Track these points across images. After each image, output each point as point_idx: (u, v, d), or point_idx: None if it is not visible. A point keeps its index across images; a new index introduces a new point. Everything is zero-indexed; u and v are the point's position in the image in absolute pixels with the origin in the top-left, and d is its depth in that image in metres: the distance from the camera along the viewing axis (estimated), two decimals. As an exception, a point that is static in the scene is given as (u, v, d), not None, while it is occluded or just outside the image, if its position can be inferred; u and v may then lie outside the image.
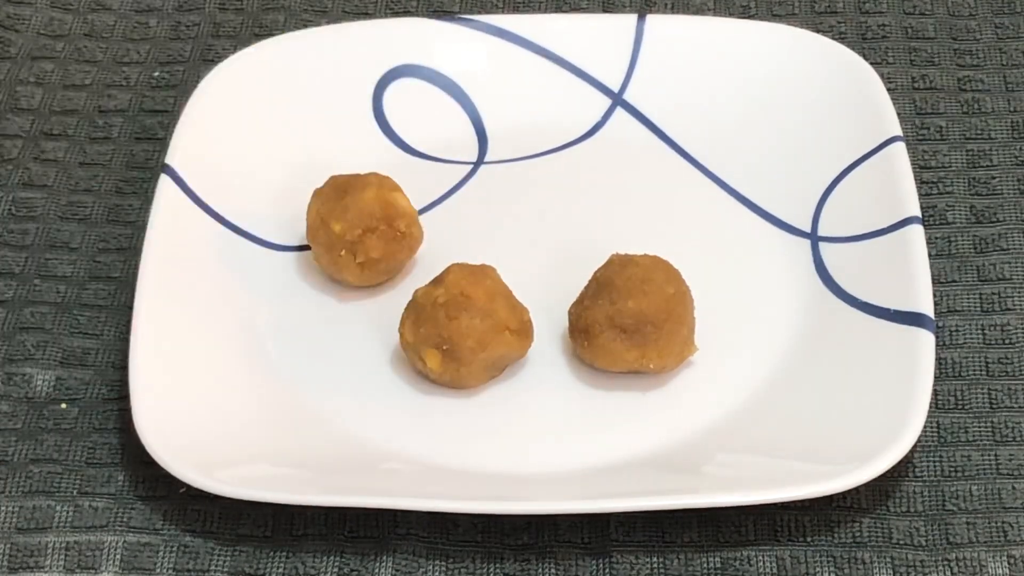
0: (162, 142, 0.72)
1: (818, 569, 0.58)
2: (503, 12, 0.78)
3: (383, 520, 0.60)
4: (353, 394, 0.63)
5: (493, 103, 0.71)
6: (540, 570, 0.59)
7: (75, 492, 0.61)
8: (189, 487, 0.59)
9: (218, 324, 0.64)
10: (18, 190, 0.71)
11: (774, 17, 0.77)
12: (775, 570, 0.58)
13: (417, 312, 0.62)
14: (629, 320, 0.61)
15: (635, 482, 0.60)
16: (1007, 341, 0.65)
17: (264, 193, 0.69)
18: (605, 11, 0.78)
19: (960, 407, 0.63)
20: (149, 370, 0.61)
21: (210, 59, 0.76)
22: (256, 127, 0.71)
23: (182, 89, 0.75)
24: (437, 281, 0.63)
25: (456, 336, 0.61)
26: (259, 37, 0.76)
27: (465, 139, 0.72)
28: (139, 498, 0.61)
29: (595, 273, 0.64)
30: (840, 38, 0.75)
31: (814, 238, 0.67)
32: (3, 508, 0.61)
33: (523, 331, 0.63)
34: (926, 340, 0.61)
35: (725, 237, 0.68)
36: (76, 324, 0.66)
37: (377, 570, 0.59)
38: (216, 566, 0.59)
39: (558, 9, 0.79)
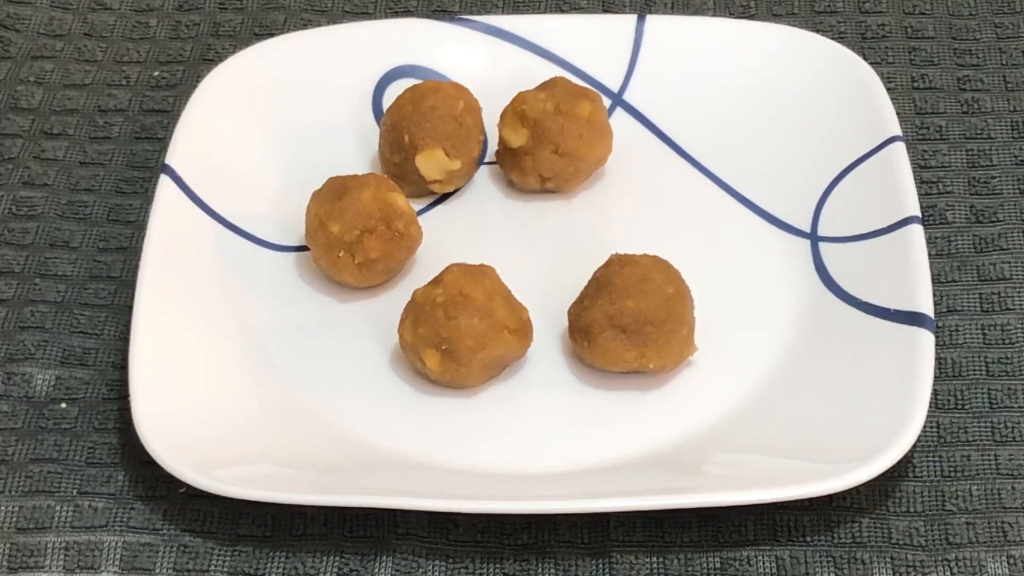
0: (162, 142, 0.72)
1: (818, 569, 0.58)
2: (503, 12, 0.78)
3: (383, 520, 0.60)
4: (353, 394, 0.63)
5: (493, 103, 0.71)
6: (540, 570, 0.59)
7: (75, 492, 0.61)
8: (189, 487, 0.59)
9: (218, 324, 0.64)
10: (18, 189, 0.71)
11: (774, 17, 0.77)
12: (775, 570, 0.58)
13: (416, 312, 0.62)
14: (629, 320, 0.61)
15: (635, 482, 0.60)
16: (1007, 341, 0.65)
17: (264, 193, 0.69)
18: (605, 11, 0.78)
19: (960, 407, 0.63)
20: (149, 370, 0.61)
21: (210, 59, 0.76)
22: (256, 127, 0.71)
23: (182, 89, 0.75)
24: (436, 281, 0.63)
25: (455, 336, 0.61)
26: (259, 37, 0.77)
27: (465, 139, 0.72)
28: (139, 498, 0.61)
29: (595, 273, 0.64)
30: (840, 38, 0.75)
31: (814, 238, 0.67)
32: (3, 508, 0.61)
33: (522, 331, 0.63)
34: (926, 340, 0.61)
35: (725, 237, 0.68)
36: (76, 324, 0.66)
37: (377, 570, 0.59)
38: (216, 566, 0.59)
39: (558, 9, 0.78)
